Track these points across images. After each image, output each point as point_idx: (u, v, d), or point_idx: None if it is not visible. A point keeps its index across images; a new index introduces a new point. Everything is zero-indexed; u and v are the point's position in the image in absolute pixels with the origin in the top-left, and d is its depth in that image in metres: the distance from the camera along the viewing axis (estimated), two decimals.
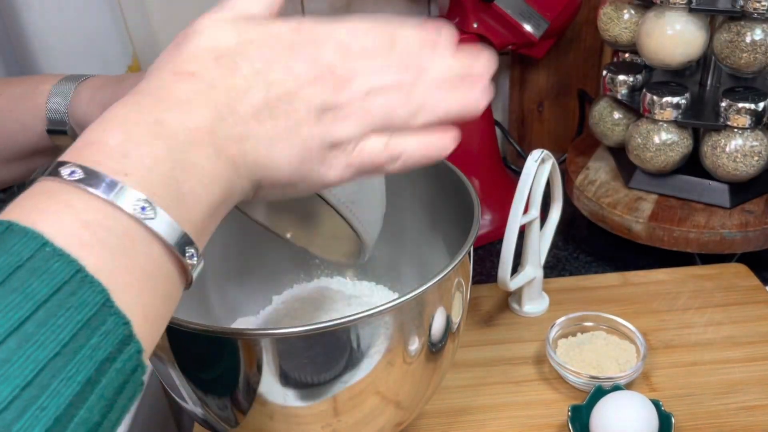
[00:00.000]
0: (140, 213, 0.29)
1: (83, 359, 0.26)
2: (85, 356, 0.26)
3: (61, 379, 0.25)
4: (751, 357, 0.66)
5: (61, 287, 0.26)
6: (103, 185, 0.28)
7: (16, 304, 0.25)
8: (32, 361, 0.24)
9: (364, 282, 0.67)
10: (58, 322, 0.25)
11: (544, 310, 0.72)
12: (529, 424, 0.60)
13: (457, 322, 0.52)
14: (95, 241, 0.27)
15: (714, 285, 0.74)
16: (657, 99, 0.75)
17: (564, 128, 1.01)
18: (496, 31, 0.82)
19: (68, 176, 0.28)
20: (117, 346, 0.27)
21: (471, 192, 0.54)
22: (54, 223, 0.27)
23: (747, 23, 0.71)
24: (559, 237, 0.85)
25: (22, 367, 0.24)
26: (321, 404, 0.47)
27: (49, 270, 0.26)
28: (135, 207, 0.29)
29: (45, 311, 0.25)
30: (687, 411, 0.60)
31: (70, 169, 0.29)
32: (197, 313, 0.62)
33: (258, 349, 0.44)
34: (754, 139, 0.74)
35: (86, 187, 0.28)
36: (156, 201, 0.29)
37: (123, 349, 0.27)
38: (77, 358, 0.25)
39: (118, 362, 0.27)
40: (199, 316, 0.62)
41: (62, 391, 0.25)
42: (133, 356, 0.28)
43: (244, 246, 0.65)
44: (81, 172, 0.28)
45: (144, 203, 0.29)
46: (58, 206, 0.28)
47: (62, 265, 0.26)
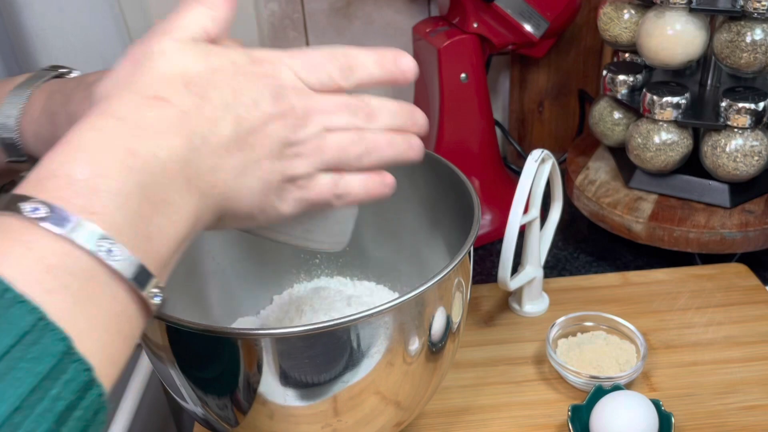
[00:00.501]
0: (105, 254, 0.28)
1: (44, 412, 0.24)
2: (45, 409, 0.24)
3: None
4: (751, 357, 0.66)
5: (22, 337, 0.25)
6: (68, 225, 0.27)
7: None
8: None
9: (364, 282, 0.67)
10: (19, 375, 0.24)
11: (544, 310, 0.72)
12: (529, 424, 0.60)
13: (458, 322, 0.52)
14: (58, 286, 0.26)
15: (714, 285, 0.74)
16: (657, 99, 0.75)
17: (564, 128, 1.02)
18: (497, 31, 0.82)
19: (30, 213, 0.27)
20: (79, 393, 0.26)
21: (471, 192, 0.54)
22: (15, 267, 0.26)
23: (747, 23, 0.71)
24: (559, 237, 0.85)
25: None
26: (321, 404, 0.47)
27: (11, 318, 0.25)
28: (99, 247, 0.27)
29: (6, 363, 0.24)
30: (687, 411, 0.60)
31: (32, 206, 0.27)
32: (197, 313, 0.62)
33: (258, 348, 0.44)
34: (754, 139, 0.74)
35: (51, 226, 0.27)
36: (121, 240, 0.28)
37: (85, 396, 0.26)
38: (37, 411, 0.24)
39: (80, 409, 0.26)
40: (199, 315, 0.62)
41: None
42: (95, 400, 0.27)
43: (244, 246, 0.65)
44: (45, 210, 0.27)
45: (109, 244, 0.28)
46: (19, 248, 0.26)
47: (24, 312, 0.25)
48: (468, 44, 0.81)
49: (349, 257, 0.68)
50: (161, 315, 0.44)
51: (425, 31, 0.83)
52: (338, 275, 0.68)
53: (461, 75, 0.81)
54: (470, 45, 0.81)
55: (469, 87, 0.82)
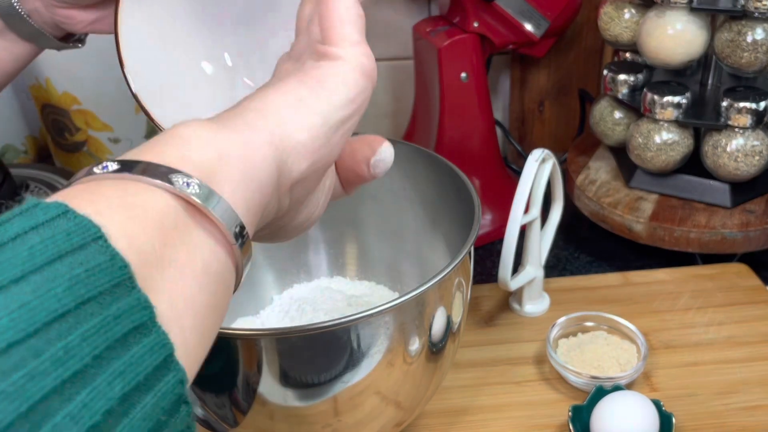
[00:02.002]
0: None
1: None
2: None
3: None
4: (752, 357, 0.66)
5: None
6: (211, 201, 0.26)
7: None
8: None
9: (364, 282, 0.67)
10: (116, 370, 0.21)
11: (544, 310, 0.72)
12: (529, 424, 0.60)
13: (458, 322, 0.52)
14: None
15: (715, 285, 0.74)
16: (658, 98, 0.75)
17: (565, 128, 1.01)
18: (497, 30, 0.82)
19: (183, 188, 0.25)
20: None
21: (472, 192, 0.54)
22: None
23: (748, 23, 0.71)
24: (559, 237, 0.84)
25: None
26: (321, 404, 0.47)
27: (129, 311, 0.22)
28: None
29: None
30: (688, 411, 0.60)
31: (183, 179, 0.26)
32: None
33: (258, 348, 0.44)
34: (755, 139, 0.73)
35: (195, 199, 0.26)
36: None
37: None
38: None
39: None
40: None
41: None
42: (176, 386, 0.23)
43: None
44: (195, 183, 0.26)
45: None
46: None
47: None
48: (468, 44, 0.81)
49: (349, 257, 0.68)
50: None
51: (425, 31, 0.83)
52: (338, 275, 0.68)
53: (461, 74, 0.81)
54: (470, 44, 0.81)
55: (469, 86, 0.82)
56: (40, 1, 0.48)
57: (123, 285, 0.22)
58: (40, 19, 0.49)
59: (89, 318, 0.20)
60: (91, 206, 0.23)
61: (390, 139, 0.64)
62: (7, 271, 0.20)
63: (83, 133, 0.85)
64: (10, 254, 0.20)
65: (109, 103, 0.84)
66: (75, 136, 0.85)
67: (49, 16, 0.49)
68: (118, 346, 0.21)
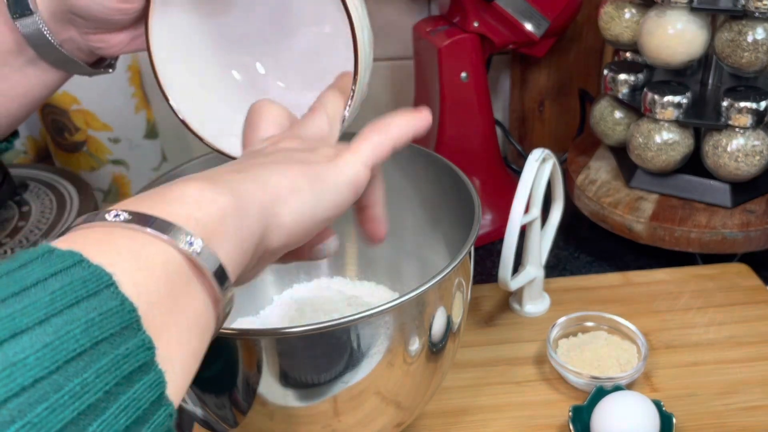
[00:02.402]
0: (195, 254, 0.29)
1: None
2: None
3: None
4: (752, 357, 0.66)
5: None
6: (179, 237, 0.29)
7: None
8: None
9: (364, 282, 0.67)
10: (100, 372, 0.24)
11: (544, 310, 0.72)
12: (530, 424, 0.60)
13: (458, 322, 0.52)
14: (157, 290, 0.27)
15: (715, 285, 0.74)
16: (658, 98, 0.75)
17: (565, 128, 1.01)
18: (497, 30, 0.82)
19: (185, 247, 0.28)
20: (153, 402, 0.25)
21: (472, 191, 0.54)
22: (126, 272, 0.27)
23: (749, 22, 0.71)
24: (560, 237, 0.84)
25: None
26: (321, 404, 0.47)
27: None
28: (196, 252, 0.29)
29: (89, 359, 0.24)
30: (688, 411, 0.60)
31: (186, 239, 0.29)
32: None
33: (258, 349, 0.44)
34: (755, 139, 0.73)
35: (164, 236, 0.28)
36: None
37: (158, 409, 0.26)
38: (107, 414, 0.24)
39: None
40: None
41: None
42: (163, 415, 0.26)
43: None
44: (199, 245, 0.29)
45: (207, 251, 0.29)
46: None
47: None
48: (468, 43, 0.81)
49: (349, 257, 0.68)
50: None
51: (425, 30, 0.83)
52: (338, 275, 0.68)
53: (461, 74, 0.81)
54: (471, 44, 0.81)
55: (469, 86, 0.82)
56: (74, 29, 0.48)
57: (131, 327, 0.25)
58: (74, 46, 0.49)
59: (102, 357, 0.23)
60: (104, 257, 0.26)
61: None
62: (32, 314, 0.23)
63: (83, 132, 0.85)
64: (35, 298, 0.23)
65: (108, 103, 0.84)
66: (75, 136, 0.85)
67: (84, 42, 0.49)
68: (125, 383, 0.24)
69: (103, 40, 0.49)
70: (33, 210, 0.73)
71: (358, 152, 0.39)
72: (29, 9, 0.46)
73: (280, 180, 0.35)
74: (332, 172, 0.37)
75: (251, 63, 0.52)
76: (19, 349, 0.22)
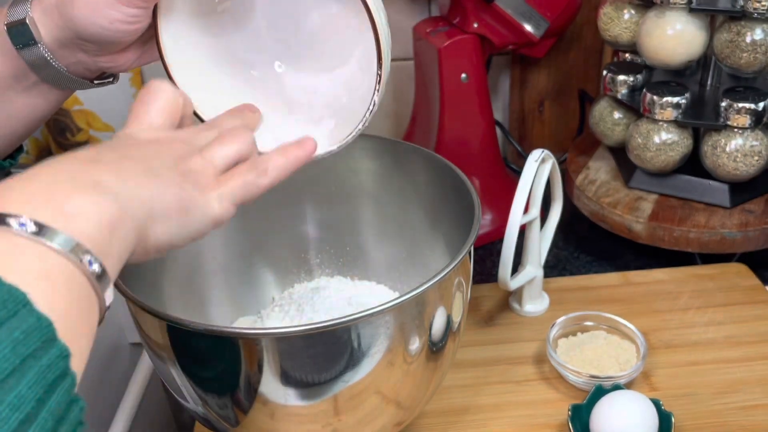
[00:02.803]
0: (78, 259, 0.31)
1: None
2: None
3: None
4: (751, 356, 0.66)
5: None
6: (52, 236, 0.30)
7: None
8: None
9: (364, 282, 0.67)
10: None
11: (544, 310, 0.72)
12: (529, 423, 0.60)
13: (458, 322, 0.52)
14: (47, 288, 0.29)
15: (714, 285, 0.74)
16: (657, 99, 0.75)
17: (564, 128, 1.02)
18: (497, 30, 0.82)
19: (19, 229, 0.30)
20: (56, 379, 0.28)
21: (471, 192, 0.54)
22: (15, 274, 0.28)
23: (747, 23, 0.71)
24: (559, 236, 0.85)
25: None
26: (322, 403, 0.47)
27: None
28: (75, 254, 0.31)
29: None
30: (687, 410, 0.60)
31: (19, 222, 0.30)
32: (198, 313, 0.62)
33: (259, 348, 0.44)
34: (754, 139, 0.74)
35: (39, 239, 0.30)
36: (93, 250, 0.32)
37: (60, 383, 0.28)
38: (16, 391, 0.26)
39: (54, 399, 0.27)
40: (200, 315, 0.62)
41: None
42: (69, 389, 0.28)
43: (245, 246, 0.65)
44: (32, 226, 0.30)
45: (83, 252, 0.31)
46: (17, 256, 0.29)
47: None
48: (468, 44, 0.81)
49: (349, 257, 0.68)
50: (162, 314, 0.45)
51: (426, 31, 0.83)
52: (338, 275, 0.68)
53: (461, 75, 0.82)
54: (470, 45, 0.81)
55: (469, 87, 0.82)
56: (82, 53, 0.48)
57: (49, 339, 0.27)
58: (82, 67, 0.49)
59: (29, 370, 0.26)
60: (16, 274, 0.28)
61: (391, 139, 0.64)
62: None
63: (85, 133, 0.85)
64: None
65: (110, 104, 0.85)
66: (76, 136, 0.86)
67: (93, 63, 0.49)
68: (50, 390, 0.27)
69: (112, 60, 0.49)
70: None
71: (230, 191, 0.40)
72: (33, 39, 0.46)
73: (158, 203, 0.37)
74: (201, 206, 0.39)
75: (266, 60, 0.51)
76: None
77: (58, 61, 0.48)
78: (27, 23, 0.46)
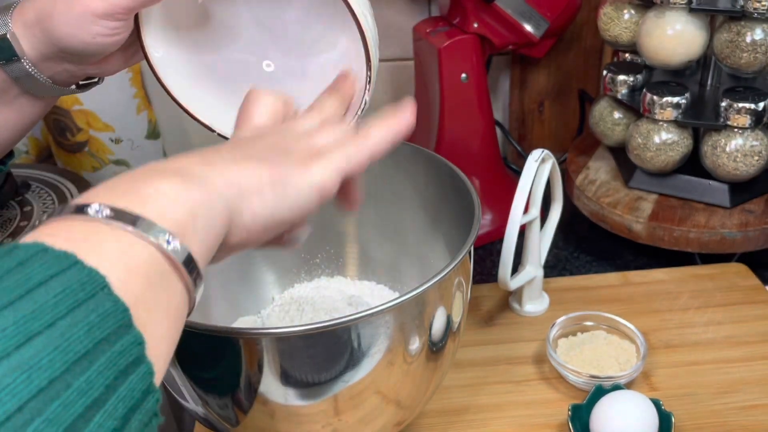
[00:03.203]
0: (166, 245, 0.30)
1: (96, 379, 0.26)
2: (97, 376, 0.26)
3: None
4: (751, 356, 0.66)
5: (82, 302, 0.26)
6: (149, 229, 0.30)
7: None
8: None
9: (364, 282, 0.67)
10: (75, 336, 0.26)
11: (544, 310, 0.72)
12: (529, 423, 0.60)
13: (458, 322, 0.52)
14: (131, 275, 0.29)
15: (714, 285, 0.74)
16: (657, 99, 0.75)
17: (564, 128, 1.02)
18: (497, 31, 0.82)
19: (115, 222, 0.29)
20: (130, 366, 0.27)
21: (471, 192, 0.54)
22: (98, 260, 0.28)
23: (747, 23, 0.71)
24: (559, 236, 0.85)
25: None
26: (322, 403, 0.47)
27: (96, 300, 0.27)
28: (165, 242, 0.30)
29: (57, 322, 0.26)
30: (687, 410, 0.60)
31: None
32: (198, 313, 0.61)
33: (259, 348, 0.44)
34: (754, 139, 0.74)
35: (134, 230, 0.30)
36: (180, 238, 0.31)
37: (135, 371, 0.27)
38: (88, 374, 0.26)
39: (128, 385, 0.27)
40: (200, 315, 0.62)
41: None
42: (145, 377, 0.28)
43: None
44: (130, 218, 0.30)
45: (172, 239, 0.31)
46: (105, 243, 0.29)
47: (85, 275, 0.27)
48: (468, 44, 0.81)
49: (349, 257, 0.68)
50: None
51: (426, 31, 0.83)
52: (339, 275, 0.68)
53: (461, 75, 0.82)
54: (470, 45, 0.81)
55: (469, 87, 0.82)
56: (67, 63, 0.48)
57: (124, 325, 0.27)
58: (69, 75, 0.49)
59: (101, 355, 0.26)
60: (94, 257, 0.28)
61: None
62: (40, 318, 0.25)
63: (85, 133, 0.85)
64: (41, 301, 0.25)
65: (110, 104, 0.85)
66: (76, 137, 0.86)
67: (80, 71, 0.49)
68: (121, 376, 0.26)
69: (99, 67, 0.49)
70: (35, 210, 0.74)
71: (331, 161, 0.39)
72: (16, 55, 0.46)
73: (247, 180, 0.36)
74: (300, 177, 0.38)
75: (254, 58, 0.51)
76: (34, 352, 0.24)
77: (42, 74, 0.48)
78: (8, 38, 0.46)
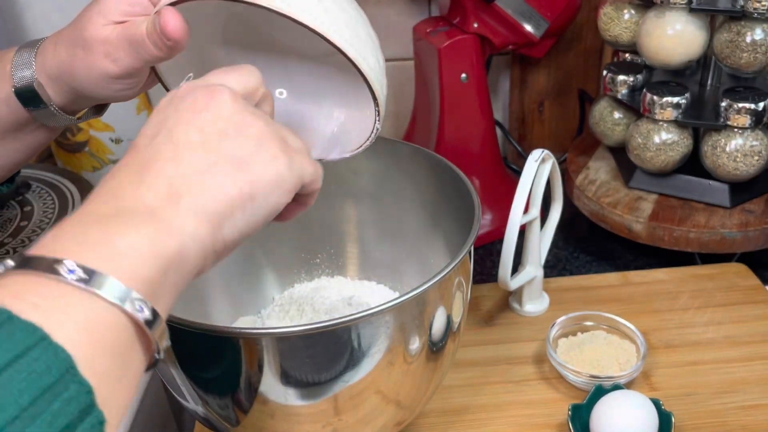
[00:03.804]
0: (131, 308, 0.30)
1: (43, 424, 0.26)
2: (45, 422, 0.26)
3: None
4: (751, 356, 0.66)
5: (25, 352, 0.26)
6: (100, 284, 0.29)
7: None
8: None
9: (364, 282, 0.67)
10: (20, 386, 0.26)
11: (544, 310, 0.72)
12: (529, 423, 0.60)
13: (458, 322, 0.52)
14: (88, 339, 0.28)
15: (714, 284, 0.74)
16: (657, 99, 0.75)
17: (564, 128, 1.02)
18: (497, 31, 0.82)
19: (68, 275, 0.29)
20: (79, 414, 0.27)
21: (471, 192, 0.54)
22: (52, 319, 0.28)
23: (747, 23, 0.71)
24: (559, 236, 0.85)
25: None
26: (322, 403, 0.47)
27: (14, 335, 0.26)
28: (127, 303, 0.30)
29: (8, 375, 0.26)
30: (687, 410, 0.60)
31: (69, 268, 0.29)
32: (198, 313, 0.62)
33: (259, 348, 0.44)
34: (754, 139, 0.74)
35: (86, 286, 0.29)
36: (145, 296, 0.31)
37: (85, 418, 0.27)
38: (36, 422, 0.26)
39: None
40: (200, 315, 0.62)
41: None
42: (95, 426, 0.28)
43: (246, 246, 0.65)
44: (81, 272, 0.29)
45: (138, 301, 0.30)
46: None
47: (28, 333, 0.27)
48: (468, 44, 0.81)
49: (349, 257, 0.68)
50: None
51: (426, 31, 0.83)
52: (339, 275, 0.68)
53: (462, 75, 0.82)
54: (470, 45, 0.81)
55: (469, 87, 0.82)
56: (93, 101, 0.50)
57: (87, 407, 0.27)
58: (90, 106, 0.51)
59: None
60: (62, 330, 0.27)
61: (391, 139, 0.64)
62: (4, 410, 0.25)
63: (85, 133, 0.85)
64: (8, 387, 0.25)
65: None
66: (77, 137, 0.86)
67: (104, 102, 0.51)
68: None
69: (118, 99, 0.50)
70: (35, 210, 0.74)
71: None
72: (44, 103, 0.48)
73: (229, 192, 0.35)
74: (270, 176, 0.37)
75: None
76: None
77: (67, 114, 0.50)
78: (35, 88, 0.47)
